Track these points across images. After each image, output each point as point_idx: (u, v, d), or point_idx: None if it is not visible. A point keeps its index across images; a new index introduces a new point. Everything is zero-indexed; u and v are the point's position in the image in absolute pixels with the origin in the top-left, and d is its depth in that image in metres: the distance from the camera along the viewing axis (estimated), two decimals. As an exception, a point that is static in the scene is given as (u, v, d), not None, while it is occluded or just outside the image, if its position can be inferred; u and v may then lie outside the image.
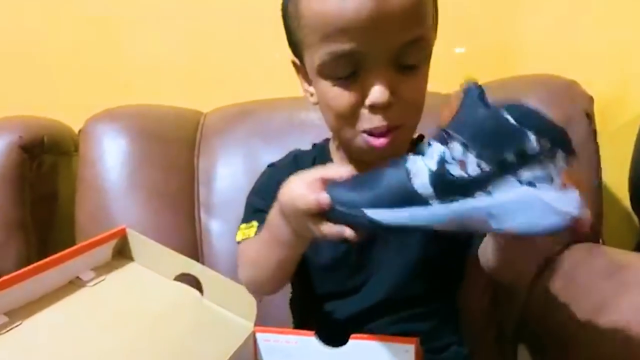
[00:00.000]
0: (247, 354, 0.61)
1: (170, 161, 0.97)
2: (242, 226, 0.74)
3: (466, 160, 0.44)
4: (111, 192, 0.93)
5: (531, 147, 0.42)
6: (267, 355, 0.62)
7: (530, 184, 0.43)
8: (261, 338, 0.62)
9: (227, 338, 0.59)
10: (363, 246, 0.69)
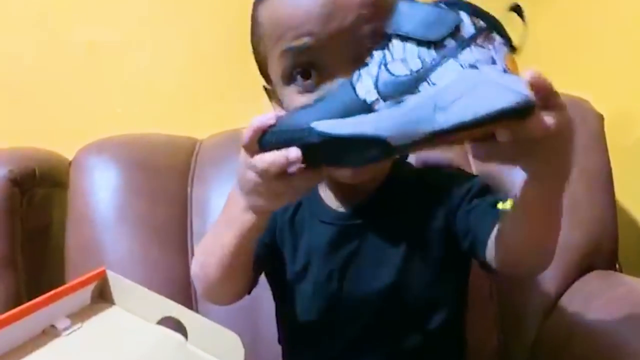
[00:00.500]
0: (233, 402, 0.57)
1: (162, 192, 0.93)
2: None
3: (406, 55, 0.44)
4: (101, 226, 0.90)
5: (467, 29, 0.42)
6: None
7: (472, 67, 0.42)
8: None
9: (212, 386, 0.55)
10: (346, 269, 0.66)
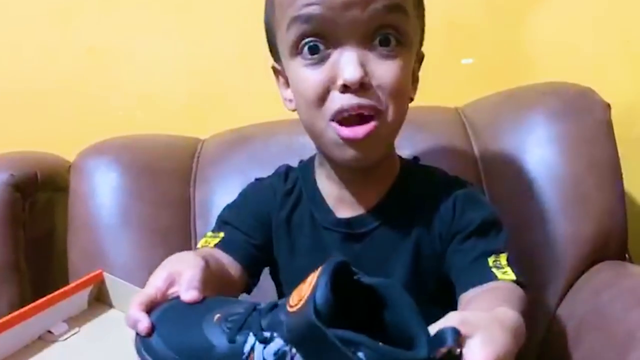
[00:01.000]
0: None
1: (163, 194, 0.92)
2: (208, 234, 0.72)
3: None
4: (103, 230, 0.89)
5: None
6: None
7: None
8: None
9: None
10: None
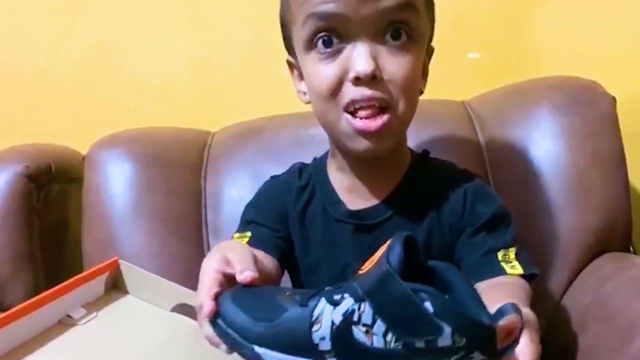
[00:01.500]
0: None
1: (175, 185, 0.94)
2: (235, 235, 0.73)
3: (373, 329, 0.40)
4: (116, 220, 0.91)
5: (443, 341, 0.38)
6: None
7: None
8: None
9: (228, 369, 0.56)
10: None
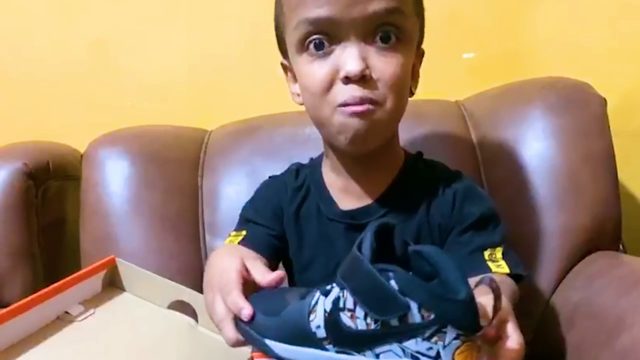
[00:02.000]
0: (245, 381, 0.59)
1: (173, 182, 0.95)
2: (232, 233, 0.75)
3: (356, 313, 0.43)
4: (114, 217, 0.92)
5: (413, 317, 0.40)
6: None
7: (413, 357, 0.41)
8: None
9: (224, 365, 0.57)
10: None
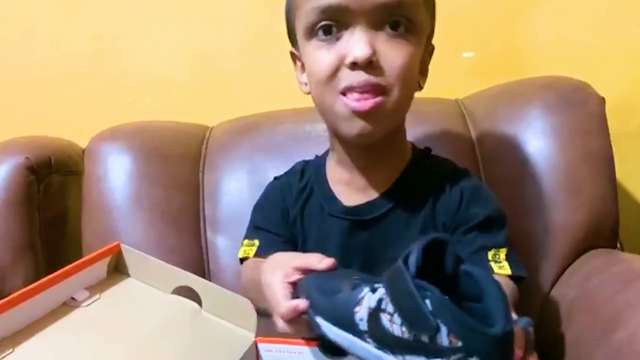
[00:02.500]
0: (250, 365, 0.60)
1: (174, 178, 0.95)
2: (245, 242, 0.76)
3: (393, 317, 0.45)
4: (116, 211, 0.92)
5: (441, 340, 0.41)
6: None
7: None
8: (263, 348, 0.60)
9: (228, 349, 0.58)
10: (357, 260, 0.70)
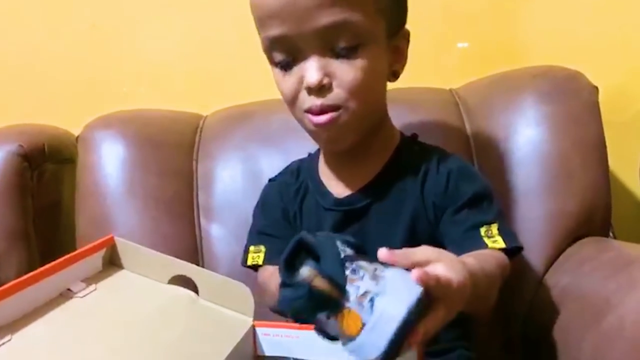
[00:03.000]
0: (247, 349, 0.60)
1: (168, 166, 0.95)
2: (251, 249, 0.76)
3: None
4: (110, 199, 0.92)
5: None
6: (268, 349, 0.61)
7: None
8: (261, 332, 0.61)
9: (226, 335, 0.58)
10: None
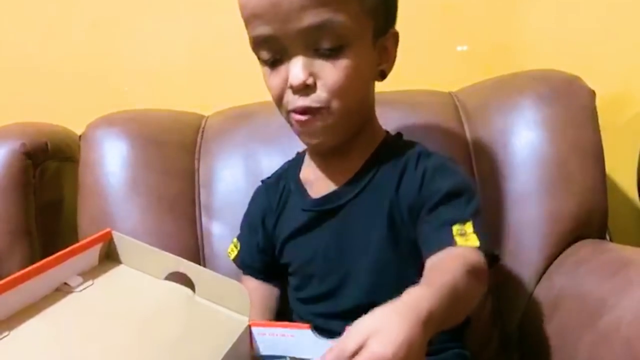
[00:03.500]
0: (243, 349, 0.60)
1: (170, 165, 0.96)
2: (234, 241, 0.81)
3: None
4: (112, 197, 0.93)
5: None
6: (264, 349, 0.61)
7: None
8: (257, 332, 0.61)
9: (222, 334, 0.58)
10: (328, 249, 0.70)
